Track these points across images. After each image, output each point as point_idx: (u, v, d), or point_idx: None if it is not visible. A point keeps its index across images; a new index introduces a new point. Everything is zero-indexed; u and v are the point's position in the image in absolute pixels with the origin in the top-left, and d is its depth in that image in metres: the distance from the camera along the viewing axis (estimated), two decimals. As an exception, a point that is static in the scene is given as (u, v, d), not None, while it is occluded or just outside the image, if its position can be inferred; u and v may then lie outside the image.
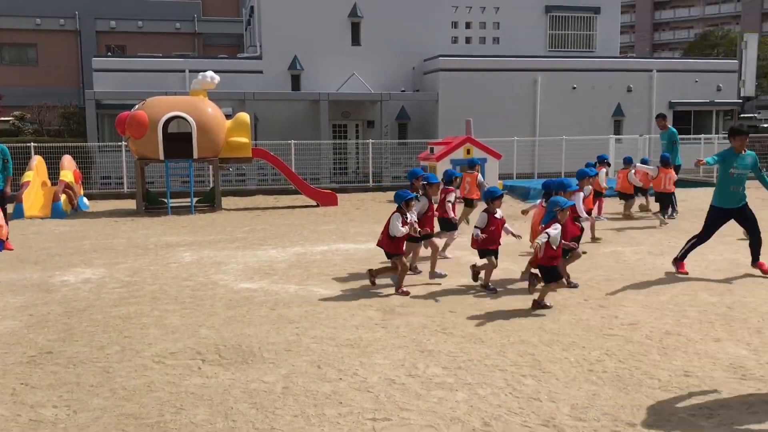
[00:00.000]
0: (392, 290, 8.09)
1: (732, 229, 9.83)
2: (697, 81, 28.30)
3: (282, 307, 7.42)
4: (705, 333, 6.29)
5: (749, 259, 8.92)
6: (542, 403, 4.77)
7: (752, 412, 4.54)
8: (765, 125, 39.66)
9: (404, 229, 7.95)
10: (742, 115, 40.67)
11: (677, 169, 14.72)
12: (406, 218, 8.04)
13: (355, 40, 27.11)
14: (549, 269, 7.18)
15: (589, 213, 10.14)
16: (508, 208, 16.46)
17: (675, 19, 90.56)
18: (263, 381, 5.22)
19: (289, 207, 17.97)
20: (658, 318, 6.80)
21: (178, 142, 16.59)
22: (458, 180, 10.90)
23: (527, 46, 28.46)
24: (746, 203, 8.82)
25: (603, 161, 13.62)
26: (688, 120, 28.59)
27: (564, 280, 7.61)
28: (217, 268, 9.71)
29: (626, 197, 14.33)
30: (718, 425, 4.37)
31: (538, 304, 7.22)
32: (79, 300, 7.90)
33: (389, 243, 8.07)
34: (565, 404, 4.74)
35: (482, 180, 12.73)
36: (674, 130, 15.36)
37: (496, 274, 8.42)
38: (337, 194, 18.76)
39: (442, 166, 18.28)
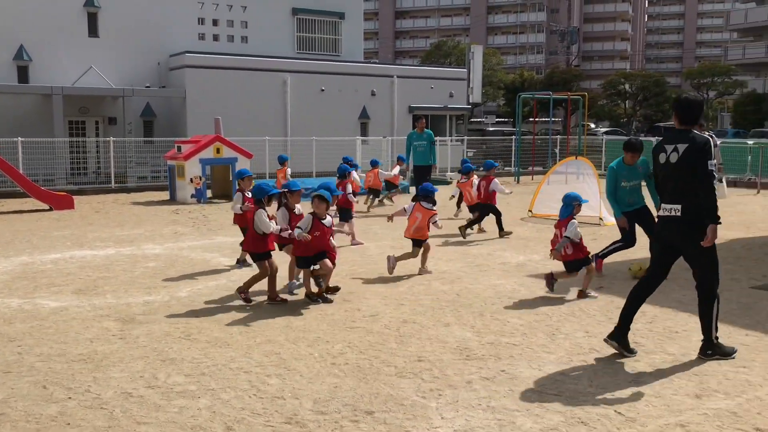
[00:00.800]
0: (131, 299, 7.65)
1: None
2: (432, 87, 30.61)
3: (1, 324, 6.64)
4: (437, 319, 6.81)
5: (477, 248, 9.85)
6: (286, 401, 4.81)
7: (472, 389, 5.00)
8: (491, 129, 44.10)
9: (273, 224, 7.37)
10: (471, 120, 44.87)
11: (430, 169, 16.30)
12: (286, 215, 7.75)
13: (93, 31, 25.22)
14: (571, 262, 7.72)
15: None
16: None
17: (414, 28, 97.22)
18: (-25, 409, 4.63)
19: (16, 212, 16.17)
20: (397, 308, 7.23)
21: None
22: (350, 174, 12.26)
23: (276, 47, 28.66)
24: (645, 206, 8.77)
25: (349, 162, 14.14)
26: (425, 123, 30.81)
27: None
28: None
29: (375, 193, 15.81)
30: (446, 404, 4.74)
31: (585, 294, 7.66)
32: None
33: (253, 242, 7.46)
34: (308, 399, 4.83)
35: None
36: (430, 132, 16.79)
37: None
38: (75, 197, 17.30)
39: (191, 166, 17.75)
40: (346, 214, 11.21)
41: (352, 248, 10.94)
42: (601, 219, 13.26)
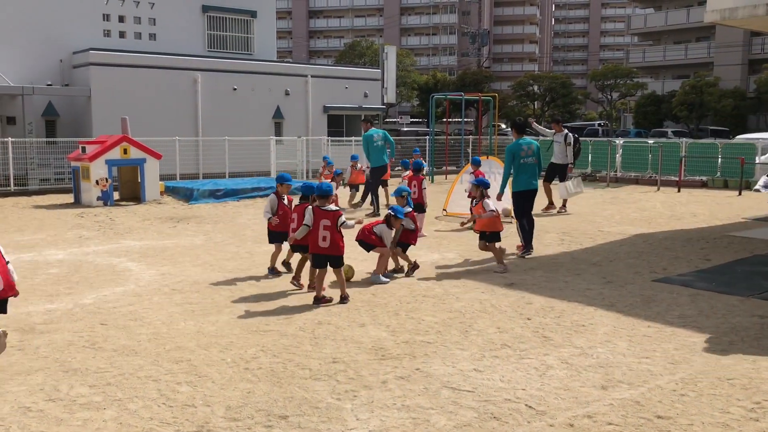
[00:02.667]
0: (32, 307, 7.28)
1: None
2: (347, 87, 30.59)
3: None
4: (352, 320, 6.79)
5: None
6: (197, 408, 4.68)
7: (388, 389, 5.01)
8: (405, 129, 44.53)
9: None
10: (387, 120, 45.17)
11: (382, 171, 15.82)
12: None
13: (-13, 25, 23.87)
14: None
15: None
16: (169, 210, 16.02)
17: (328, 28, 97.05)
18: None
19: None
20: (311, 309, 7.17)
21: None
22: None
23: (186, 45, 27.95)
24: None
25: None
26: (340, 123, 30.80)
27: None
28: None
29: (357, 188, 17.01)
30: (360, 405, 4.73)
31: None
32: None
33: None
34: (221, 406, 4.72)
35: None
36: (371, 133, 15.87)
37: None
38: (-31, 201, 16.32)
39: (96, 167, 17.08)
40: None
41: (264, 251, 10.78)
42: (512, 217, 13.58)
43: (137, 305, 7.41)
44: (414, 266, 8.91)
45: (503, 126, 48.50)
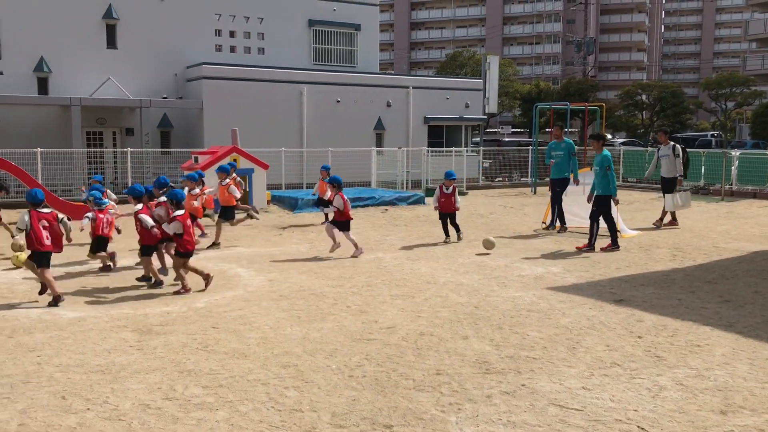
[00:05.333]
0: (149, 309, 7.67)
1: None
2: (448, 98, 30.60)
3: (21, 334, 6.67)
4: (455, 332, 6.75)
5: (494, 260, 9.77)
6: (304, 413, 4.78)
7: (492, 404, 4.94)
8: (506, 139, 44.01)
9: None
10: (487, 130, 44.82)
11: (566, 181, 13.89)
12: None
13: (111, 42, 25.46)
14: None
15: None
16: (275, 218, 16.49)
17: (429, 39, 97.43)
18: (-6, 420, 4.63)
19: (35, 222, 16.28)
20: (414, 320, 7.18)
21: None
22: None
23: (292, 58, 28.80)
24: (597, 195, 11.76)
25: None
26: (441, 134, 30.82)
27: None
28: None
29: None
30: (465, 418, 4.68)
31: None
32: None
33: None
34: (326, 412, 4.79)
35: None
36: (571, 141, 14.49)
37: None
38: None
39: (207, 177, 17.81)
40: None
41: (366, 259, 10.90)
42: (619, 231, 13.12)
43: (246, 310, 7.65)
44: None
45: (609, 136, 47.10)
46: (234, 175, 13.63)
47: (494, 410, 4.82)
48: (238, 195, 12.99)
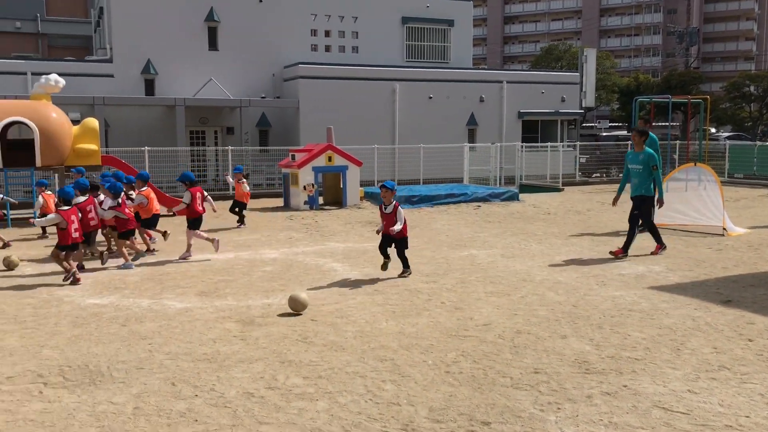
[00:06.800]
0: (251, 301, 7.94)
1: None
2: (543, 92, 30.03)
3: (134, 322, 7.05)
4: (553, 330, 6.64)
5: (593, 259, 9.55)
6: (401, 407, 4.83)
7: (593, 404, 4.83)
8: (604, 134, 42.74)
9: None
10: (584, 125, 43.67)
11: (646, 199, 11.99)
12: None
13: (212, 44, 26.46)
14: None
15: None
16: (368, 214, 16.69)
17: (523, 33, 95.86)
18: (112, 402, 4.92)
19: (143, 217, 17.14)
20: (510, 318, 7.11)
21: (18, 150, 15.41)
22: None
23: (386, 56, 29.03)
24: (637, 196, 10.64)
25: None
26: (535, 129, 30.28)
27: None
28: (62, 282, 9.08)
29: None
30: (565, 418, 4.61)
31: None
32: None
33: None
34: (424, 407, 4.82)
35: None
36: (651, 152, 12.13)
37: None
38: (195, 203, 18.13)
39: (304, 174, 18.24)
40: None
41: (459, 256, 10.87)
42: (724, 229, 12.54)
43: (342, 303, 7.80)
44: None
45: (713, 130, 44.95)
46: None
47: (595, 411, 4.72)
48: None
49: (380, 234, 9.32)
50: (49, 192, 14.27)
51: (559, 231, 13.58)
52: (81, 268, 9.78)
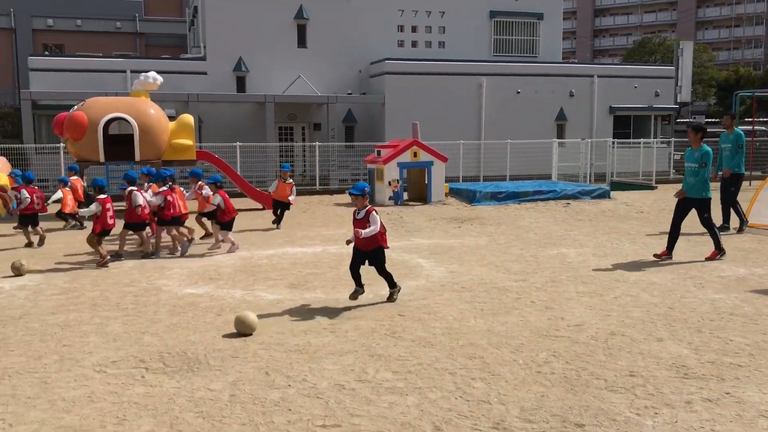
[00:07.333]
0: (339, 295, 8.05)
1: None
2: (636, 87, 29.07)
3: (228, 312, 7.27)
4: (648, 333, 6.42)
5: (690, 260, 9.17)
6: (492, 405, 4.78)
7: (693, 411, 4.64)
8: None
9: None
10: (678, 120, 42.00)
11: (740, 177, 12.83)
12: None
13: (301, 42, 26.94)
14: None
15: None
16: (454, 210, 16.61)
17: (615, 26, 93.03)
18: (209, 389, 5.10)
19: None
20: (603, 319, 6.92)
21: (119, 144, 16.17)
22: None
23: (473, 51, 28.79)
24: (692, 198, 9.93)
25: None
26: (627, 124, 29.36)
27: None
28: (160, 273, 9.48)
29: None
30: (663, 423, 4.45)
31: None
32: (14, 308, 7.59)
33: None
34: (515, 406, 4.76)
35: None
36: (741, 132, 13.09)
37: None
38: (284, 197, 18.54)
39: (389, 170, 18.33)
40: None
41: (549, 255, 10.67)
42: None
43: (429, 300, 7.79)
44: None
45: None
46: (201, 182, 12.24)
47: (695, 417, 4.53)
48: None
49: (351, 246, 7.66)
50: (76, 177, 15.18)
51: (652, 230, 13.12)
52: (148, 255, 10.79)
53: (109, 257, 10.24)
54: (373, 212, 7.51)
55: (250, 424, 4.49)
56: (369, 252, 7.55)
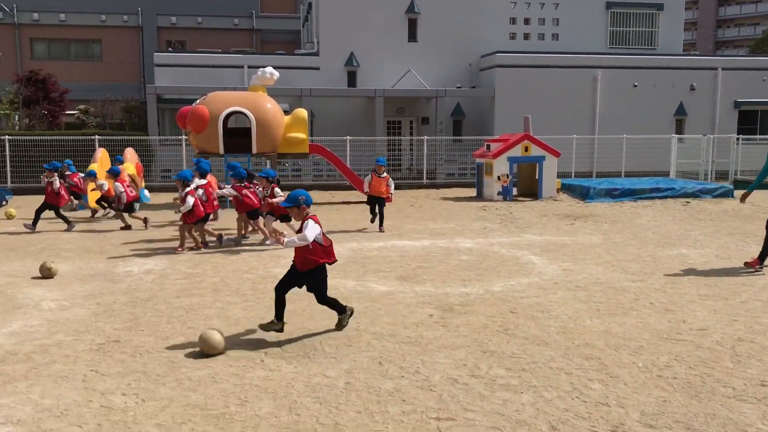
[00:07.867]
0: (449, 289, 8.04)
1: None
2: (765, 80, 27.31)
3: (342, 301, 7.40)
4: (780, 341, 6.03)
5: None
6: (611, 408, 4.64)
7: (836, 426, 4.32)
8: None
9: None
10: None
11: None
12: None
13: (412, 36, 27.03)
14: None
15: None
16: (566, 207, 16.21)
17: (740, 15, 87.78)
18: (326, 375, 5.23)
19: (344, 203, 18.02)
20: (729, 324, 6.56)
21: (237, 137, 16.82)
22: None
23: (587, 43, 27.95)
24: None
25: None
26: (754, 120, 27.64)
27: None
28: (276, 261, 9.79)
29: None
30: (799, 438, 4.17)
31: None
32: (142, 290, 8.06)
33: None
34: (635, 410, 4.60)
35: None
36: None
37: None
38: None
39: (499, 164, 18.11)
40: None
41: (668, 255, 10.21)
42: None
43: (542, 297, 7.65)
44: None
45: None
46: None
47: (837, 434, 4.22)
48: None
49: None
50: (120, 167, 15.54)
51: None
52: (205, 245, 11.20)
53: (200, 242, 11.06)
54: (310, 220, 5.99)
55: (366, 412, 4.57)
56: (304, 273, 6.09)
